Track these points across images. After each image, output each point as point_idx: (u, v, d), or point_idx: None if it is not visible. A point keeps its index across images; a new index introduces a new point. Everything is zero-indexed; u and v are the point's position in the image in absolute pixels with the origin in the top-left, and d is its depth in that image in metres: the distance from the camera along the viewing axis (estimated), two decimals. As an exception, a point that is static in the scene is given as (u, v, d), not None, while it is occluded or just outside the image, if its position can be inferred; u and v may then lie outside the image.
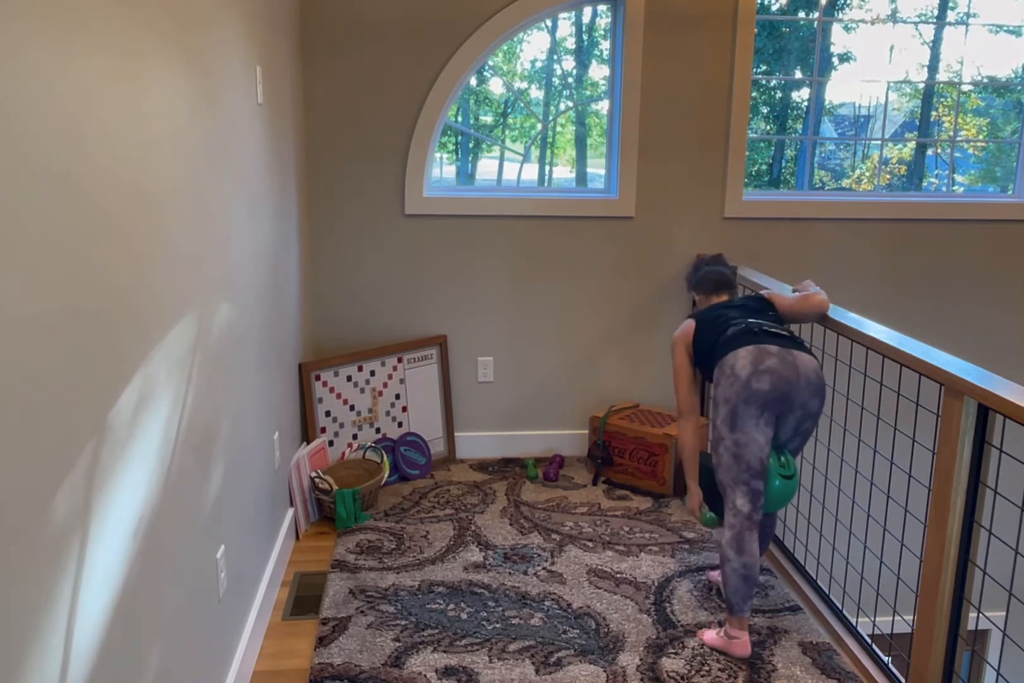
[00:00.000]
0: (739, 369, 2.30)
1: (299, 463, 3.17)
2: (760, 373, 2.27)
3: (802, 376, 2.29)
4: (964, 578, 2.05)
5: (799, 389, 2.29)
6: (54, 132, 1.16)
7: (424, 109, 3.60)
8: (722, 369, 2.37)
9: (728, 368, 2.34)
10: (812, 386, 2.31)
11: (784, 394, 2.28)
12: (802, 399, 2.31)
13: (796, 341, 2.44)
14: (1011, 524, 1.95)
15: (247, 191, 2.43)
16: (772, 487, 2.40)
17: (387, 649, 2.45)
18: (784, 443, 2.42)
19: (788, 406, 2.32)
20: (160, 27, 1.64)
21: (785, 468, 2.39)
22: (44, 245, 1.13)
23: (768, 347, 2.31)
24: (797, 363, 2.30)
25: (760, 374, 2.27)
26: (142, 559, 1.48)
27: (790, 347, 2.36)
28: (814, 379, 2.32)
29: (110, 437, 1.35)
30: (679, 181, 3.77)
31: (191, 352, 1.82)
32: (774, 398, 2.28)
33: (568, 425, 3.98)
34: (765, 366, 2.27)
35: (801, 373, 2.29)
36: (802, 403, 2.32)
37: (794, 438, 2.42)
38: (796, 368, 2.29)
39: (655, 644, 2.50)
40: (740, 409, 2.30)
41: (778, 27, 6.85)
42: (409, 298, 3.79)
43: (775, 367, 2.27)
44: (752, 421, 2.30)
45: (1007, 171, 6.85)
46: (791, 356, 2.31)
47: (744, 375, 2.28)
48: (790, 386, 2.28)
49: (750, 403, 2.29)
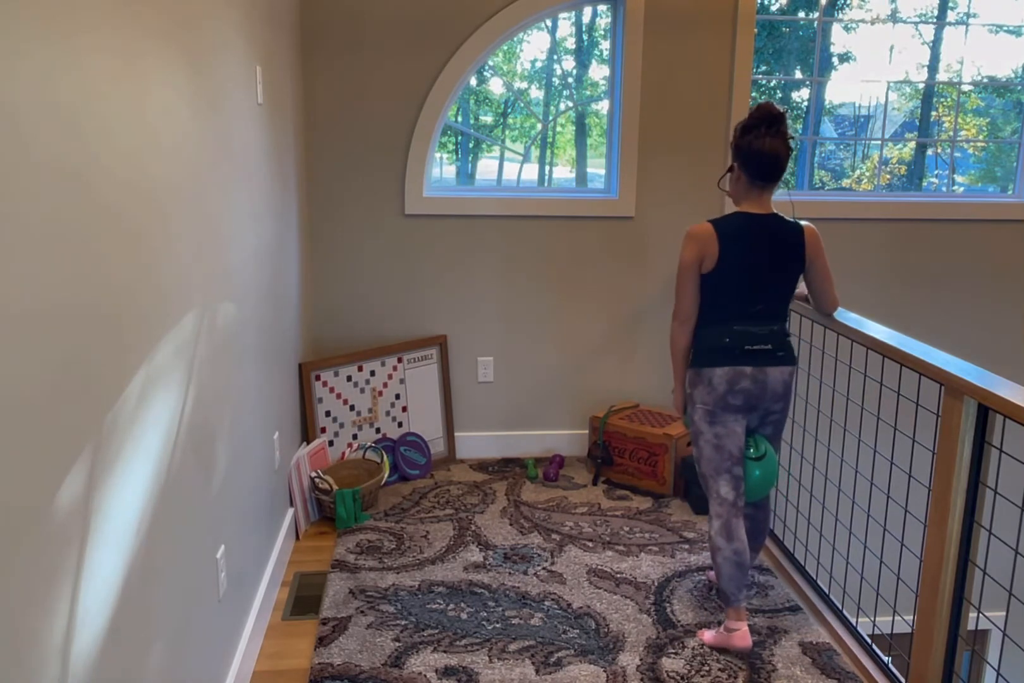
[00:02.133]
0: (716, 384, 2.47)
1: (299, 463, 3.17)
2: (734, 392, 2.46)
3: (769, 391, 2.48)
4: (964, 578, 2.05)
5: (765, 401, 2.50)
6: (55, 132, 1.16)
7: (424, 109, 3.60)
8: (700, 377, 2.50)
9: (707, 379, 2.48)
10: (776, 395, 2.50)
11: (753, 406, 2.50)
12: (766, 406, 2.52)
13: (774, 348, 2.46)
14: (1011, 524, 1.95)
15: (247, 191, 2.43)
16: (750, 475, 2.51)
17: (387, 649, 2.44)
18: (755, 429, 2.57)
19: (755, 410, 2.53)
20: (160, 27, 1.64)
21: (755, 449, 2.53)
22: (46, 244, 1.13)
23: (743, 369, 2.45)
24: (767, 381, 2.47)
25: (735, 393, 2.46)
26: (142, 559, 1.48)
27: (763, 363, 2.46)
28: (780, 390, 2.50)
29: (110, 437, 1.35)
30: (679, 181, 3.77)
31: (191, 352, 1.82)
32: (745, 408, 2.50)
33: (568, 425, 3.98)
34: (739, 387, 2.46)
35: (768, 389, 2.47)
36: (766, 408, 2.53)
37: (764, 426, 2.57)
38: (765, 386, 2.47)
39: (655, 644, 2.50)
40: (718, 412, 2.49)
41: (778, 27, 6.84)
42: (409, 298, 3.79)
43: (747, 388, 2.46)
44: (730, 416, 2.49)
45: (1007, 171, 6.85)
46: (762, 375, 2.46)
47: (721, 390, 2.46)
48: (759, 401, 2.50)
49: (726, 410, 2.48)
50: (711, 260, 2.42)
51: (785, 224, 2.46)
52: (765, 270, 2.44)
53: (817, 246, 2.48)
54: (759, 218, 2.44)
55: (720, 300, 2.46)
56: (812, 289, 2.60)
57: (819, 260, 2.50)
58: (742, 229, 2.43)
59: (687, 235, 2.46)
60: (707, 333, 2.49)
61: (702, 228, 2.44)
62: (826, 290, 2.58)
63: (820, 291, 2.59)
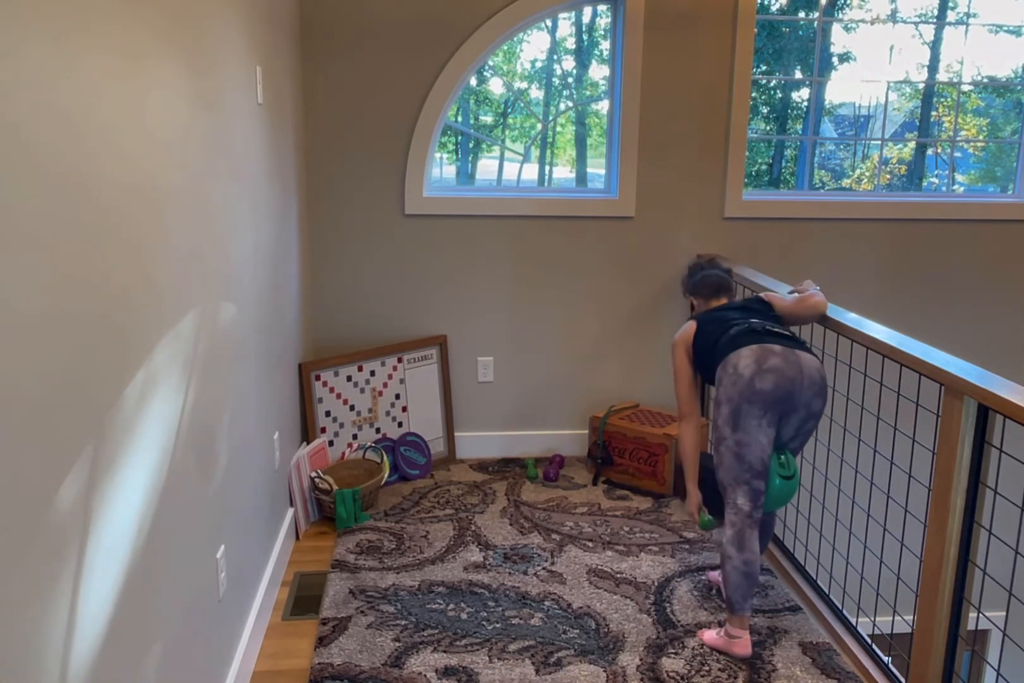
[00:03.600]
0: (742, 368, 2.30)
1: (299, 463, 3.17)
2: (764, 372, 2.27)
3: (806, 375, 2.29)
4: (964, 578, 2.05)
5: (803, 388, 2.29)
6: (55, 132, 1.16)
7: (424, 109, 3.60)
8: (724, 368, 2.36)
9: (731, 367, 2.33)
10: (815, 385, 2.31)
11: (787, 393, 2.28)
12: (805, 398, 2.32)
13: (799, 342, 2.44)
14: (1011, 524, 1.95)
15: (247, 191, 2.43)
16: (772, 487, 2.40)
17: (387, 649, 2.44)
18: (785, 443, 2.42)
19: (791, 405, 2.32)
20: (160, 27, 1.64)
21: (785, 468, 2.39)
22: (45, 245, 1.13)
23: (772, 346, 2.31)
24: (801, 362, 2.30)
25: (764, 373, 2.27)
26: (142, 559, 1.48)
27: (793, 347, 2.36)
28: (817, 378, 2.32)
29: (111, 437, 1.35)
30: (679, 181, 3.77)
31: (191, 352, 1.82)
32: (777, 397, 2.28)
33: (568, 425, 3.98)
34: (769, 365, 2.27)
35: (805, 372, 2.29)
36: (805, 402, 2.33)
37: (796, 438, 2.43)
38: (800, 367, 2.29)
39: (655, 644, 2.50)
40: (743, 409, 2.30)
41: (778, 27, 6.84)
42: (409, 298, 3.79)
43: (779, 366, 2.27)
44: (755, 421, 2.30)
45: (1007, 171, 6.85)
46: (794, 356, 2.31)
47: (747, 374, 2.28)
48: (793, 385, 2.28)
49: (753, 403, 2.29)
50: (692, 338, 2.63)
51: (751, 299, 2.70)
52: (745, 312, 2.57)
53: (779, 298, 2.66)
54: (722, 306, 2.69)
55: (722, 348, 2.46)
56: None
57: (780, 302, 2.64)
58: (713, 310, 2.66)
59: (674, 344, 2.68)
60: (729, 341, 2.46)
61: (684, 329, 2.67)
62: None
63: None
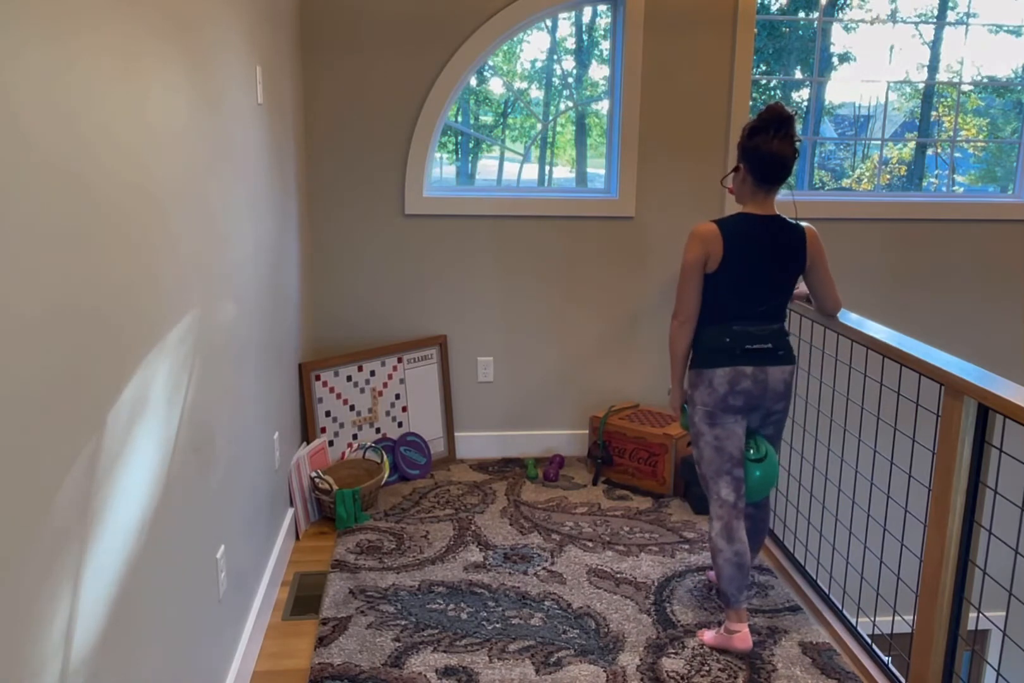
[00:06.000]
0: (717, 385, 2.46)
1: (299, 463, 3.17)
2: (735, 393, 2.46)
3: (770, 391, 2.48)
4: (964, 578, 2.05)
5: (767, 400, 2.50)
6: (55, 132, 1.16)
7: (424, 109, 3.60)
8: (701, 377, 2.50)
9: (707, 380, 2.48)
10: (777, 395, 2.50)
11: (754, 406, 2.51)
12: (767, 405, 2.52)
13: (774, 347, 2.46)
14: (1011, 524, 1.95)
15: (247, 191, 2.43)
16: (751, 476, 2.51)
17: (387, 649, 2.44)
18: (755, 429, 2.57)
19: (756, 411, 2.53)
20: (160, 27, 1.64)
21: (756, 451, 2.53)
22: (46, 244, 1.13)
23: (744, 369, 2.45)
24: (767, 380, 2.47)
25: (735, 394, 2.46)
26: (142, 559, 1.48)
27: (763, 363, 2.46)
28: (780, 389, 2.50)
29: (110, 436, 1.35)
30: (679, 181, 3.77)
31: (191, 352, 1.82)
32: (746, 409, 2.50)
33: (568, 425, 3.98)
34: (740, 388, 2.46)
35: (769, 388, 2.48)
36: (768, 408, 2.53)
37: (765, 426, 2.57)
38: (766, 386, 2.47)
39: (655, 644, 2.50)
40: (718, 413, 2.48)
41: (778, 27, 6.84)
42: (409, 298, 3.79)
43: (748, 388, 2.46)
44: (730, 418, 2.49)
45: (1007, 171, 6.85)
46: (763, 374, 2.46)
47: (721, 391, 2.46)
48: (760, 400, 2.50)
49: (727, 412, 2.48)
50: (715, 260, 2.41)
51: (787, 226, 2.46)
52: (767, 271, 2.44)
53: (818, 248, 2.49)
54: (763, 220, 2.44)
55: (721, 300, 2.46)
56: (814, 291, 2.60)
57: (820, 262, 2.51)
58: (746, 230, 2.43)
59: (692, 234, 2.44)
60: (707, 333, 2.49)
61: (707, 228, 2.42)
62: (828, 291, 2.59)
63: (822, 293, 2.59)
